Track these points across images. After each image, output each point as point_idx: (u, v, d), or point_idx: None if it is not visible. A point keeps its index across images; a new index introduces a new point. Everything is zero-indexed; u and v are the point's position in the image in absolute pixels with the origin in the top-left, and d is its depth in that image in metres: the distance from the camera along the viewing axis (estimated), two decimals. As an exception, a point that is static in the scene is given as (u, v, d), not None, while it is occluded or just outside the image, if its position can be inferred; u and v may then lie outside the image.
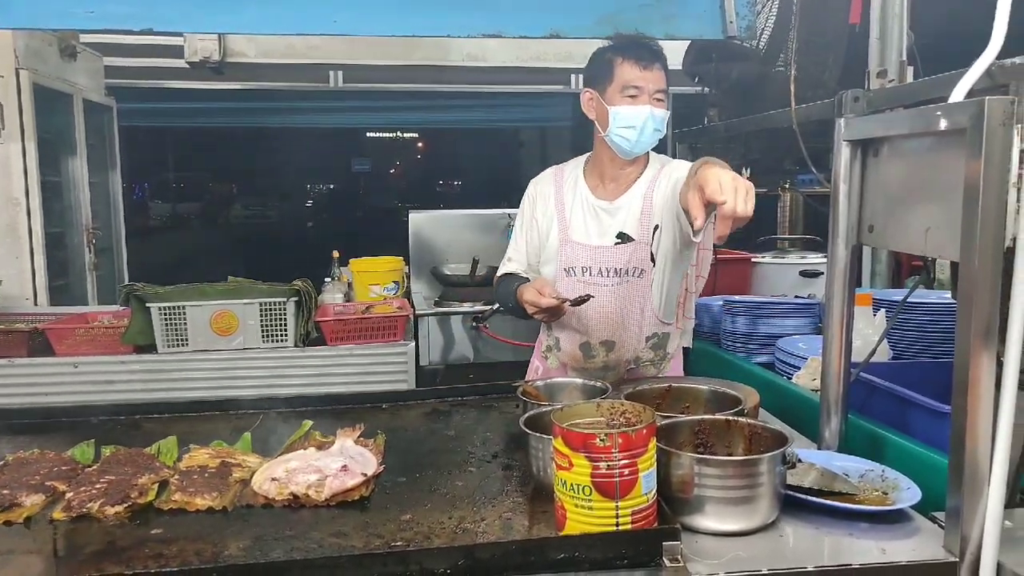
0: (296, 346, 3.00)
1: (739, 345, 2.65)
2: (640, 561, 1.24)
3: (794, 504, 1.43)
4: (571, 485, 1.27)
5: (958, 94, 1.38)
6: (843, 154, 1.57)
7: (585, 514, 1.27)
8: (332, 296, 4.00)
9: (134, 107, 6.05)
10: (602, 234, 2.16)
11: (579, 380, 1.86)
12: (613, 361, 2.23)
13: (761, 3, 2.68)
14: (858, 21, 2.18)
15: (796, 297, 2.80)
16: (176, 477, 1.57)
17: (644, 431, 1.26)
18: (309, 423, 1.85)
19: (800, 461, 1.55)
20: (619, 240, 2.13)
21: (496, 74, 5.43)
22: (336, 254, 4.48)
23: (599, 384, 1.79)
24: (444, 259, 4.98)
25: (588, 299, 2.04)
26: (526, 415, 1.55)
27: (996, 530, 1.22)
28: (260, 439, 1.81)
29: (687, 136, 3.20)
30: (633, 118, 2.06)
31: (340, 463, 1.60)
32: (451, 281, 4.80)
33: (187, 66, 4.36)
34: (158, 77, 5.45)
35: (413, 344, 3.08)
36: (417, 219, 5.13)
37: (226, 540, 1.33)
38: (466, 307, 4.35)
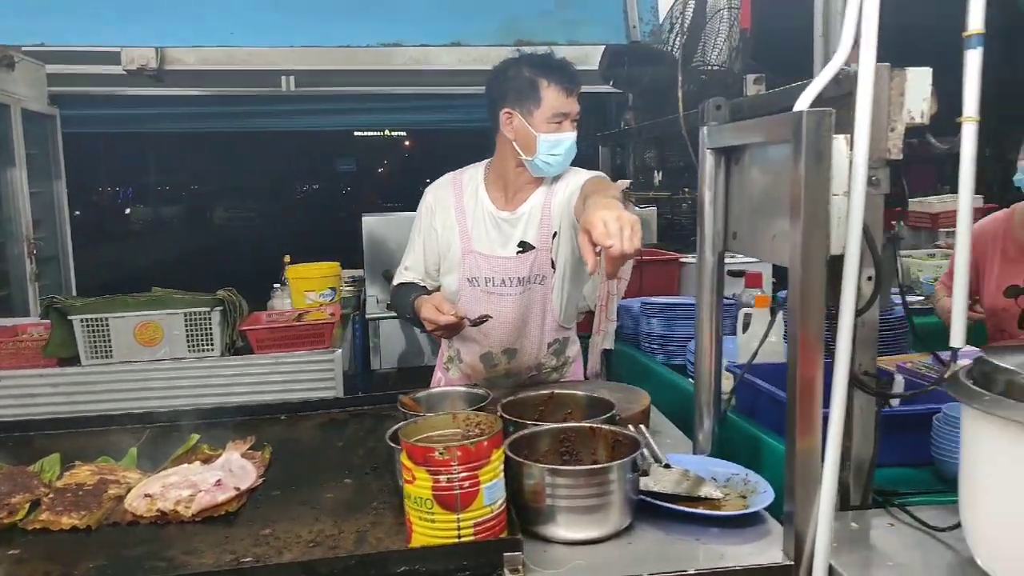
0: (223, 355, 3.00)
1: (656, 347, 2.67)
2: (482, 572, 1.26)
3: (655, 510, 1.45)
4: (415, 498, 1.29)
5: (803, 103, 1.40)
6: (707, 162, 1.59)
7: (428, 527, 1.28)
8: (281, 302, 3.98)
9: (86, 114, 6.02)
10: (504, 244, 2.16)
11: (462, 389, 1.88)
12: (515, 369, 2.24)
13: (679, 8, 2.70)
14: (747, 26, 2.19)
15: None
16: (49, 496, 1.57)
17: (485, 443, 1.28)
18: (196, 437, 1.85)
19: (669, 467, 1.58)
20: (521, 249, 2.14)
21: (448, 76, 5.44)
22: (287, 259, 4.47)
23: (480, 392, 1.81)
24: (397, 261, 4.98)
25: (488, 319, 2.05)
26: (394, 428, 1.56)
27: (827, 533, 1.24)
28: (149, 454, 1.82)
29: (608, 139, 3.22)
30: (560, 145, 2.08)
31: (216, 477, 1.61)
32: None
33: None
34: (108, 84, 5.41)
35: (340, 352, 3.08)
36: (370, 222, 5.14)
37: (79, 561, 1.33)
38: None
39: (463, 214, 2.20)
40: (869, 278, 1.40)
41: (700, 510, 1.42)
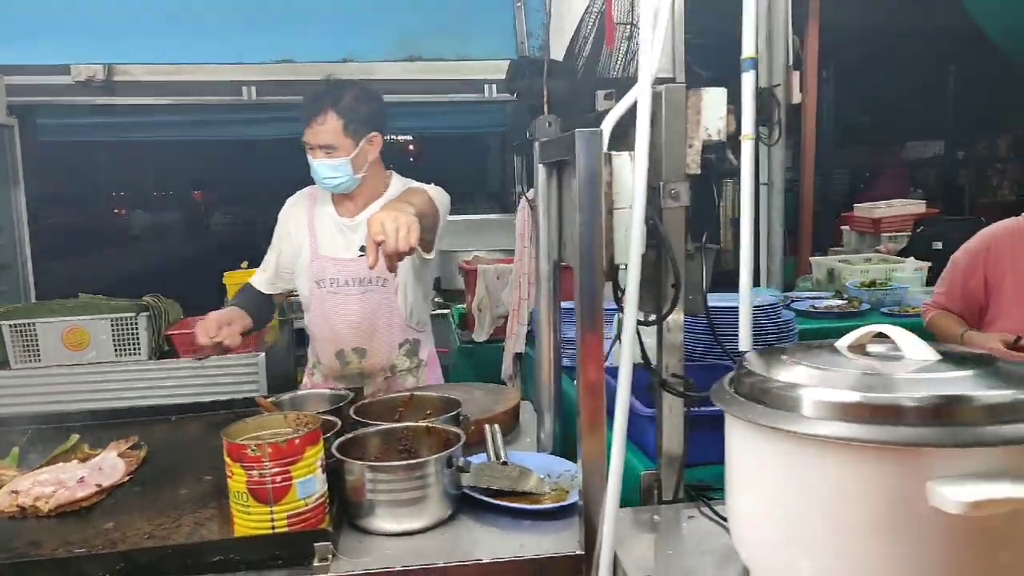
0: (149, 359, 3.10)
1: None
2: (294, 561, 1.35)
3: (482, 504, 1.54)
4: (234, 492, 1.38)
5: (608, 122, 1.49)
6: (540, 175, 1.68)
7: (245, 518, 1.38)
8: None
9: (52, 123, 6.11)
10: (347, 248, 2.31)
11: (327, 391, 1.97)
12: (368, 368, 2.36)
13: (588, 22, 2.79)
14: (612, 44, 2.28)
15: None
16: (-76, 491, 1.67)
17: (297, 442, 1.37)
18: (76, 437, 1.95)
19: (506, 464, 1.68)
20: (362, 253, 2.26)
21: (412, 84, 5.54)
22: (244, 264, 4.57)
23: (342, 392, 1.90)
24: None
25: (209, 356, 2.24)
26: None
27: (612, 524, 1.33)
28: (35, 452, 1.91)
29: (522, 148, 3.33)
30: (317, 171, 2.24)
31: (81, 475, 1.70)
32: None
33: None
34: (66, 94, 5.51)
35: (263, 355, 3.17)
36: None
37: (-74, 550, 1.43)
38: None
39: (313, 222, 2.36)
40: (673, 285, 1.50)
41: (515, 504, 1.51)
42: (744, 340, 1.46)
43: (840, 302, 3.67)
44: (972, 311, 2.49)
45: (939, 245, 4.08)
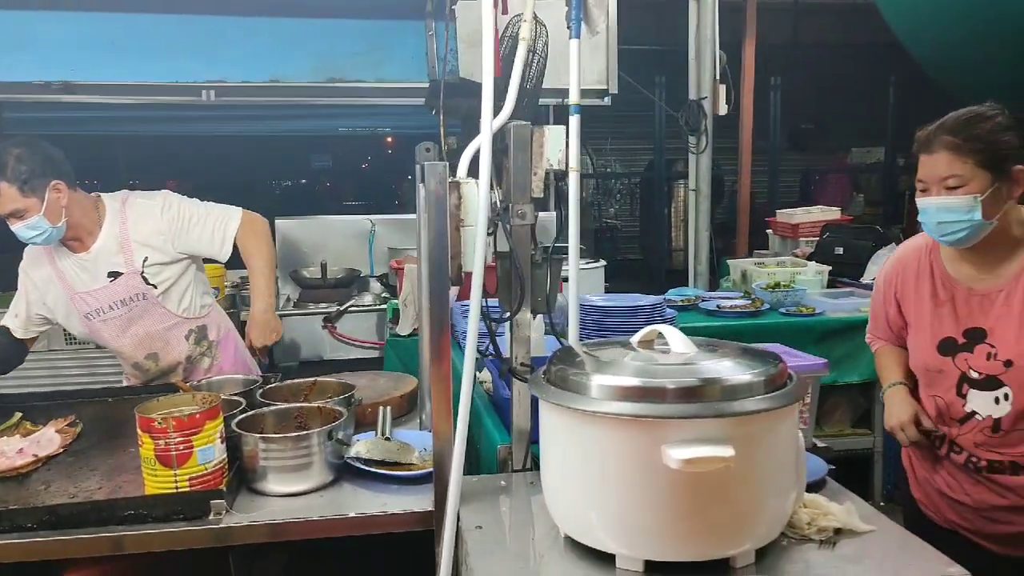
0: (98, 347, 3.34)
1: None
2: (194, 515, 1.62)
3: (364, 473, 1.82)
4: (144, 458, 1.65)
5: (466, 154, 1.77)
6: (421, 194, 1.96)
7: (153, 480, 1.65)
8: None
9: (18, 116, 6.30)
10: (96, 278, 2.47)
11: (240, 376, 2.25)
12: (166, 367, 2.59)
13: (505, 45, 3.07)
14: (499, 74, 2.56)
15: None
16: None
17: (198, 416, 1.64)
18: (19, 415, 2.21)
19: (389, 439, 1.96)
20: (111, 277, 2.47)
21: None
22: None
23: (254, 377, 2.18)
24: (310, 262, 5.31)
25: None
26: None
27: (457, 487, 1.61)
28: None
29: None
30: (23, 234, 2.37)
31: (20, 447, 1.97)
32: (307, 284, 5.13)
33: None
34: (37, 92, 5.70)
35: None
36: (282, 225, 5.49)
37: None
38: (322, 307, 4.69)
39: (58, 267, 2.50)
40: (521, 286, 1.80)
41: (386, 471, 1.80)
42: (572, 334, 1.76)
43: (745, 302, 3.97)
44: (902, 339, 2.00)
45: (840, 251, 4.42)
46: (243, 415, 1.86)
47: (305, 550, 1.73)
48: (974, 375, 1.79)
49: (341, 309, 4.82)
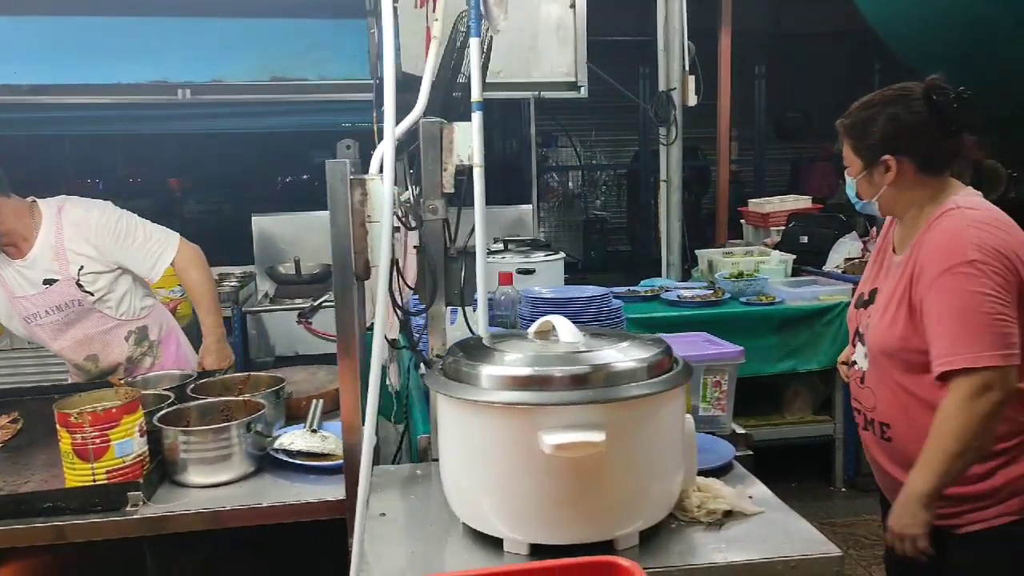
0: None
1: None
2: (111, 506, 1.67)
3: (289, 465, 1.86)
4: (64, 452, 1.70)
5: (375, 159, 1.80)
6: (339, 192, 2.00)
7: (72, 473, 1.70)
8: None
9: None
10: (33, 284, 2.51)
11: (177, 372, 2.30)
12: (107, 367, 2.63)
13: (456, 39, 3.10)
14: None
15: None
16: None
17: (114, 410, 1.69)
18: (-35, 412, 2.26)
19: (316, 431, 2.00)
20: (47, 284, 2.51)
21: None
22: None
23: (189, 372, 2.24)
24: (286, 258, 5.36)
25: None
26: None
27: (367, 476, 1.65)
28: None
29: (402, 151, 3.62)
30: None
31: (-39, 442, 2.02)
32: (282, 280, 5.18)
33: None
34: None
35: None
36: (260, 222, 5.54)
37: None
38: (297, 303, 4.73)
39: None
40: (434, 279, 1.84)
41: (308, 462, 1.84)
42: (481, 326, 1.80)
43: (707, 292, 4.01)
44: None
45: (805, 239, 4.44)
46: (168, 409, 1.90)
47: (225, 545, 1.77)
48: (862, 330, 1.84)
49: (315, 304, 4.84)
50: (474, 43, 1.77)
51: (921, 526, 1.61)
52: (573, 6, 5.01)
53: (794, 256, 4.34)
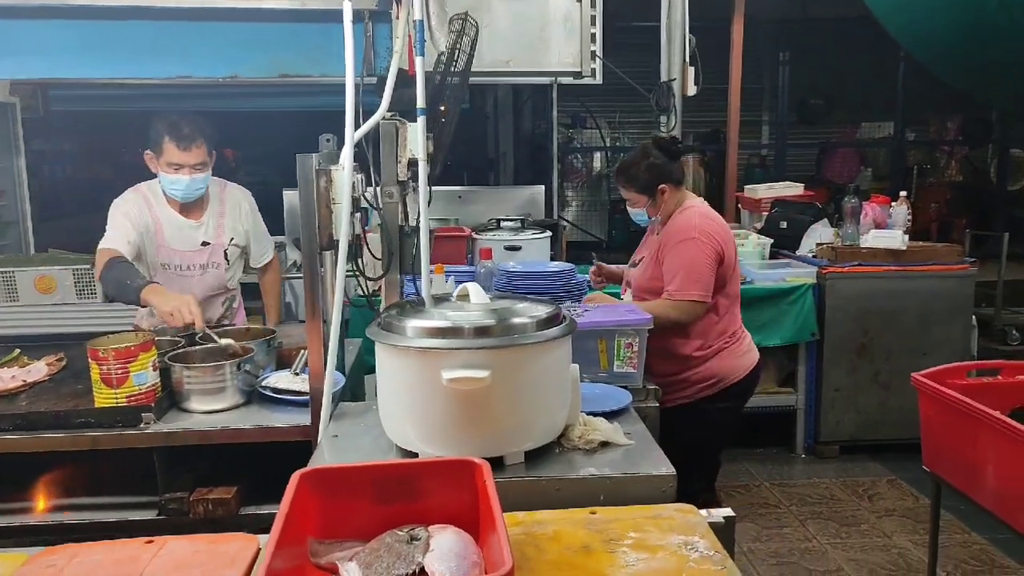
0: (103, 302, 3.91)
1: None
2: (129, 423, 2.13)
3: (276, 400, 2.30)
4: (94, 380, 2.16)
5: (345, 153, 2.20)
6: (309, 180, 2.40)
7: (100, 397, 2.16)
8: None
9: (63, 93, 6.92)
10: (192, 242, 2.98)
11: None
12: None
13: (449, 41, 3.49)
14: (413, 73, 2.98)
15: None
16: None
17: (132, 348, 2.14)
18: (18, 351, 2.75)
19: (298, 374, 2.43)
20: (204, 245, 2.99)
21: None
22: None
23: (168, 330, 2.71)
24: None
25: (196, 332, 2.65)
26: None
27: (328, 411, 2.08)
28: (-8, 362, 2.71)
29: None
30: (176, 184, 2.88)
31: (12, 374, 2.50)
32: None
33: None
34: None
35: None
36: (290, 196, 6.02)
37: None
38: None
39: (157, 219, 2.95)
40: (392, 253, 2.25)
41: (285, 396, 2.28)
42: (424, 289, 2.20)
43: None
44: None
45: (784, 225, 4.75)
46: (179, 351, 2.36)
47: (220, 459, 2.22)
48: (629, 279, 2.99)
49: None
50: (419, 61, 2.15)
51: None
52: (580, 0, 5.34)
53: (771, 240, 4.65)
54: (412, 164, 2.25)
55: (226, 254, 3.02)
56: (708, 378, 2.77)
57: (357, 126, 2.20)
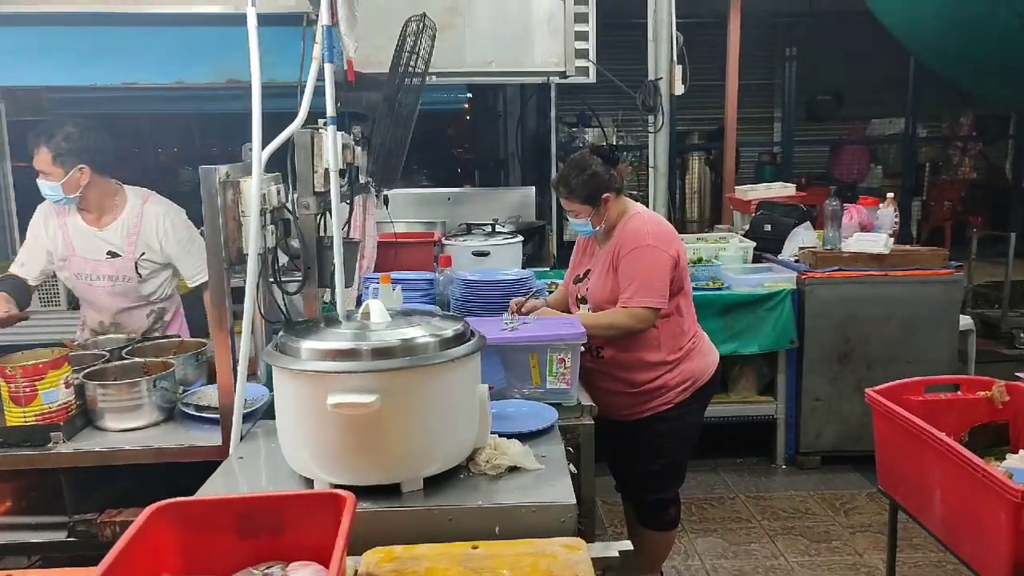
0: (67, 308, 3.89)
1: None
2: (37, 443, 2.07)
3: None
4: (4, 398, 2.11)
5: (254, 169, 2.11)
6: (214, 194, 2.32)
7: (9, 415, 2.10)
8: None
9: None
10: (98, 251, 2.91)
11: (123, 336, 2.71)
12: (125, 331, 2.97)
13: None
14: (353, 79, 2.90)
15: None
16: None
17: (40, 365, 2.08)
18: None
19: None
20: (109, 256, 2.90)
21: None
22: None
23: (123, 336, 2.65)
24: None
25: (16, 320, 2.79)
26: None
27: (238, 430, 2.01)
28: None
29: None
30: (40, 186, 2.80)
31: None
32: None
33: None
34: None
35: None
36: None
37: None
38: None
39: (64, 225, 2.92)
40: (308, 267, 2.18)
41: (206, 415, 2.21)
42: (339, 304, 2.12)
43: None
44: None
45: (769, 228, 4.61)
46: (98, 366, 2.30)
47: (135, 482, 2.16)
48: (583, 295, 2.79)
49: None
50: (328, 68, 2.07)
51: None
52: (563, -1, 5.25)
53: (754, 243, 4.52)
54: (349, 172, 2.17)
55: (137, 268, 2.94)
56: (684, 381, 2.70)
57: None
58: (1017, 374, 2.49)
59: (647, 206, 5.71)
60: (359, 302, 3.16)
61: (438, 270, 3.48)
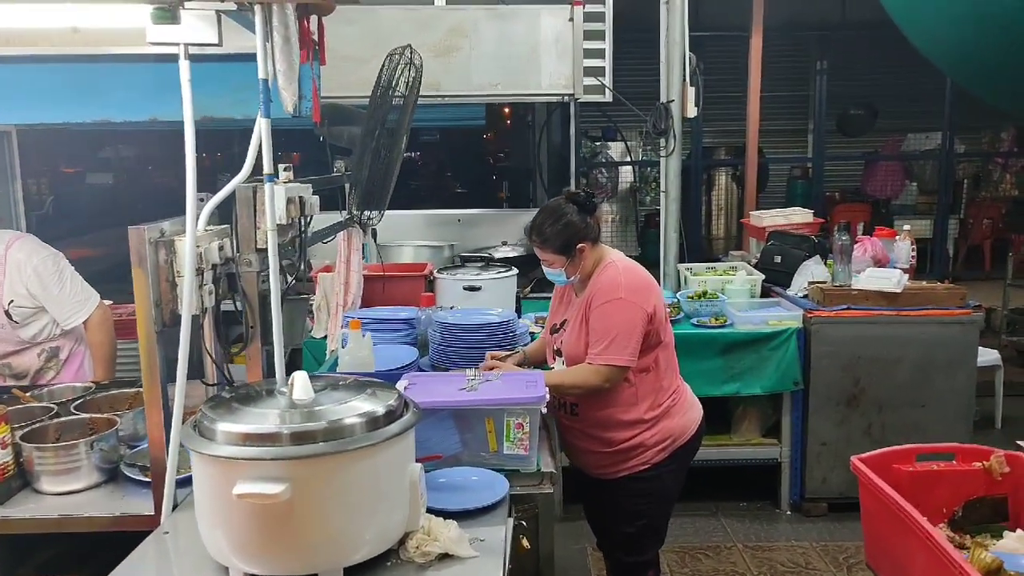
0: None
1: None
2: (-28, 507, 2.00)
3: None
4: (-63, 459, 2.05)
5: (202, 216, 2.02)
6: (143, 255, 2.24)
7: (-58, 478, 2.04)
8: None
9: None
10: None
11: (80, 384, 2.65)
12: (18, 373, 2.96)
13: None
14: (318, 120, 2.81)
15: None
16: None
17: (-25, 426, 2.02)
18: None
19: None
20: None
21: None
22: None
23: (89, 384, 2.58)
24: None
25: None
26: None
27: (172, 489, 1.92)
28: None
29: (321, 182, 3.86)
30: None
31: None
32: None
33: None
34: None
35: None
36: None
37: None
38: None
39: None
40: (251, 327, 2.08)
41: (136, 476, 2.12)
42: (278, 372, 2.02)
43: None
44: None
45: (779, 259, 4.42)
46: (38, 424, 2.23)
47: (71, 548, 2.08)
48: (558, 346, 2.67)
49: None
50: (263, 122, 1.97)
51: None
52: (571, 20, 5.13)
53: (763, 276, 4.34)
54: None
55: (10, 315, 2.88)
56: (663, 440, 2.56)
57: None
58: (1019, 442, 2.30)
59: (661, 235, 5.61)
60: (345, 342, 3.07)
61: (419, 310, 3.37)
